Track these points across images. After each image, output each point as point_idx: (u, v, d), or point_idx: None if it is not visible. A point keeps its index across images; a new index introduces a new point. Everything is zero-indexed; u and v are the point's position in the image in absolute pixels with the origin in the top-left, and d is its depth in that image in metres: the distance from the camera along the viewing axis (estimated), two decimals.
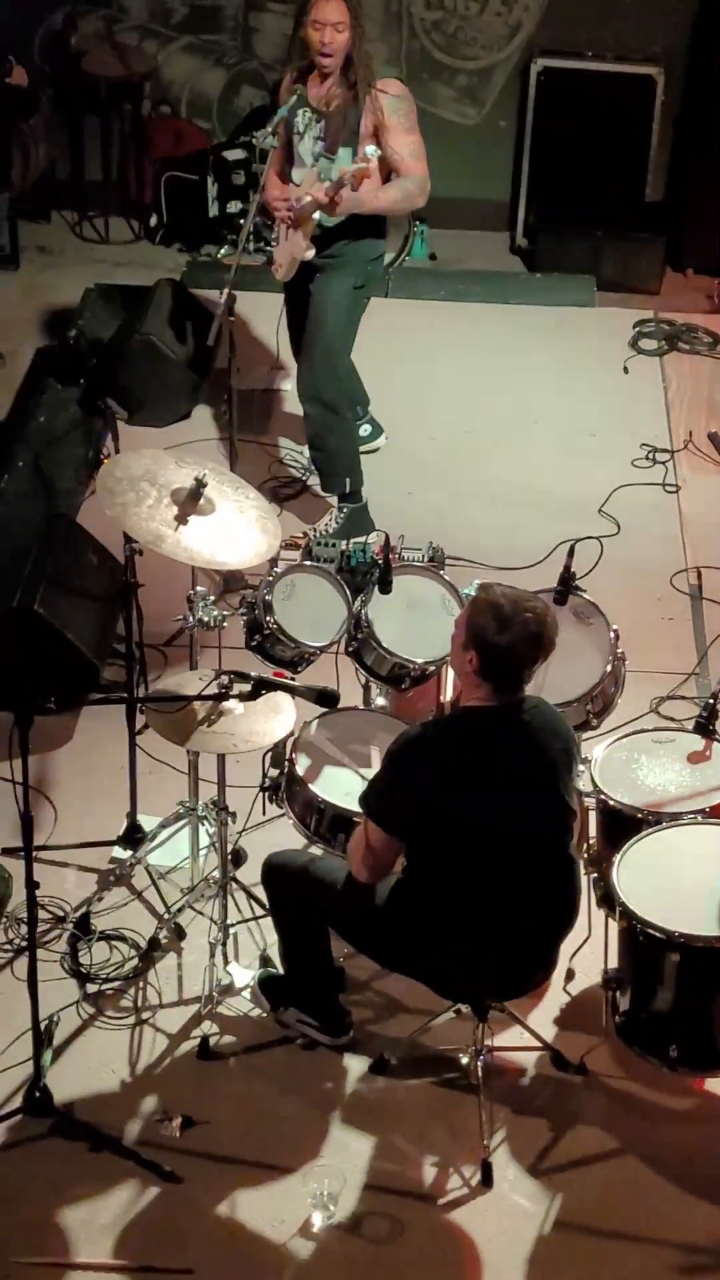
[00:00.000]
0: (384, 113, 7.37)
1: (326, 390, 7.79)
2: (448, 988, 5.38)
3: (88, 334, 9.16)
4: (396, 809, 5.06)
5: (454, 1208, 5.28)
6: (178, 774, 6.40)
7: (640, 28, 10.29)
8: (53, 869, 6.25)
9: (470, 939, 5.15)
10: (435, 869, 5.11)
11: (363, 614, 6.03)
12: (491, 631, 4.93)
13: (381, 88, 7.39)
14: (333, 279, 7.63)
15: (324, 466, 7.97)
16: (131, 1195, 5.26)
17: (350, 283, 7.65)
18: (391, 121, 7.39)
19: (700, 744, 5.84)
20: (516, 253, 10.67)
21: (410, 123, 7.44)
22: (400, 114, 7.41)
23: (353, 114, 7.37)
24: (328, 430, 7.86)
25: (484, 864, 5.06)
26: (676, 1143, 5.46)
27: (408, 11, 10.33)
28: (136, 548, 5.95)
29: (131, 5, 10.48)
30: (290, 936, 5.60)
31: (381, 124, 7.38)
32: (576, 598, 6.07)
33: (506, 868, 5.08)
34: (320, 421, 7.85)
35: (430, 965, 5.27)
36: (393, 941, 5.28)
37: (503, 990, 5.40)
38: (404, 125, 7.41)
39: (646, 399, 9.22)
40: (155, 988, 5.91)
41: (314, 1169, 5.28)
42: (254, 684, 5.24)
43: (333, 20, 7.27)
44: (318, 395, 7.81)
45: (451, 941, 5.15)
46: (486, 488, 8.48)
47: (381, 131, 7.38)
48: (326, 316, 7.68)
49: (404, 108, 7.43)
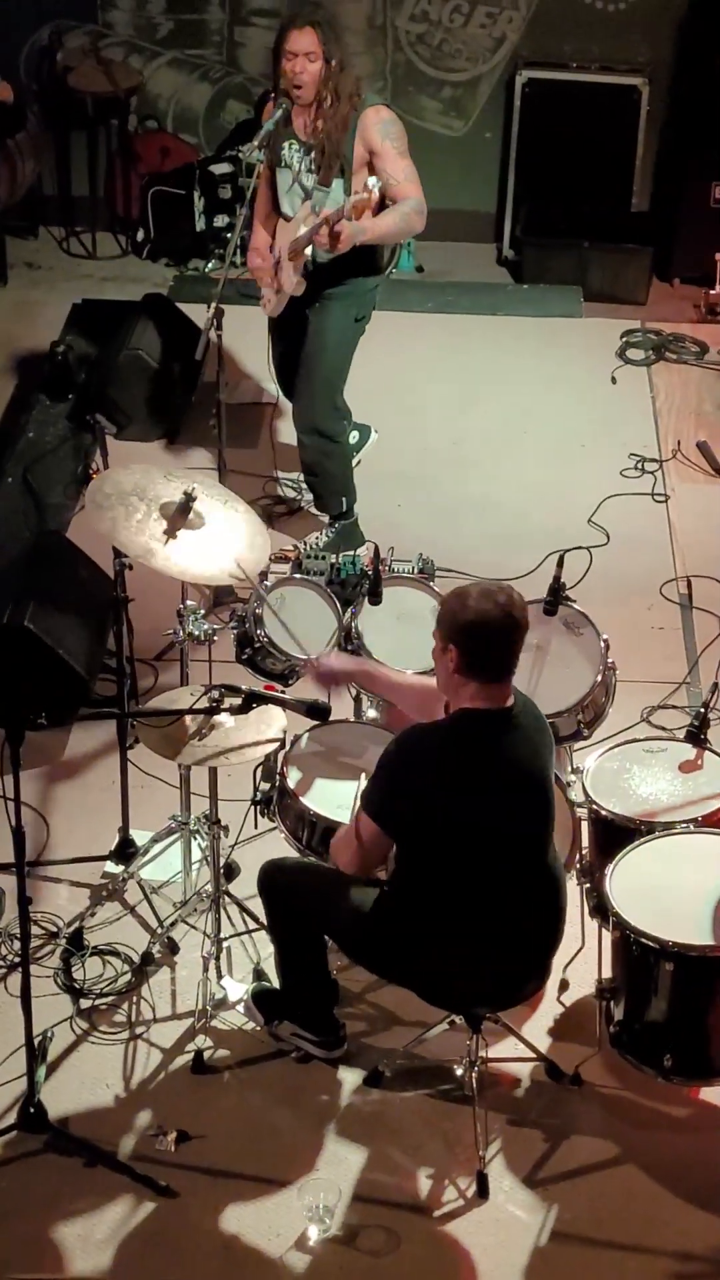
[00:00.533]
0: (377, 138, 7.29)
1: (325, 422, 7.78)
2: (443, 996, 5.37)
3: (76, 349, 9.16)
4: (396, 808, 5.07)
5: (450, 1219, 5.28)
6: (169, 788, 6.40)
7: (624, 38, 10.30)
8: (45, 884, 6.25)
9: (467, 942, 5.14)
10: (432, 872, 5.11)
11: (353, 626, 6.03)
12: (459, 610, 4.97)
13: (371, 113, 7.31)
14: (334, 311, 7.59)
15: (320, 489, 7.96)
16: (127, 1210, 5.26)
17: (351, 315, 7.62)
18: (384, 147, 7.31)
19: (692, 753, 5.85)
20: (503, 264, 10.68)
21: (402, 146, 7.36)
22: (392, 138, 7.32)
23: (344, 144, 7.29)
24: (325, 458, 7.86)
25: (482, 865, 5.07)
26: (672, 1152, 5.46)
27: (392, 25, 10.35)
28: (126, 562, 5.95)
29: (117, 21, 10.49)
30: (286, 946, 5.59)
31: (374, 150, 7.31)
32: (566, 608, 6.08)
33: (504, 868, 5.09)
34: (318, 450, 7.84)
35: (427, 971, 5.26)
36: (389, 949, 5.27)
37: (497, 1000, 5.39)
38: (397, 149, 7.33)
39: (634, 409, 9.23)
40: (149, 1002, 5.91)
41: (309, 1182, 5.28)
42: (245, 698, 5.24)
43: (303, 49, 7.17)
44: (315, 427, 7.79)
45: (448, 945, 5.15)
46: (476, 499, 8.48)
47: (375, 158, 7.32)
48: (327, 349, 7.65)
49: (395, 131, 7.34)
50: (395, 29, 10.36)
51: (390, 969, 5.40)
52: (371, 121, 7.30)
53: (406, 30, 10.38)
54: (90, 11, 10.44)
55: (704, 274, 10.09)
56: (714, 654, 7.31)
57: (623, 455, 8.78)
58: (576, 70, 10.30)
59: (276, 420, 8.83)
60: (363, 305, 7.63)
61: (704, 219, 10.21)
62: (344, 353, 7.70)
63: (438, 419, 9.06)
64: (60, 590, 6.92)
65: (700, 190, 10.19)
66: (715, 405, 9.26)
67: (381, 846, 5.14)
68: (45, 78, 10.42)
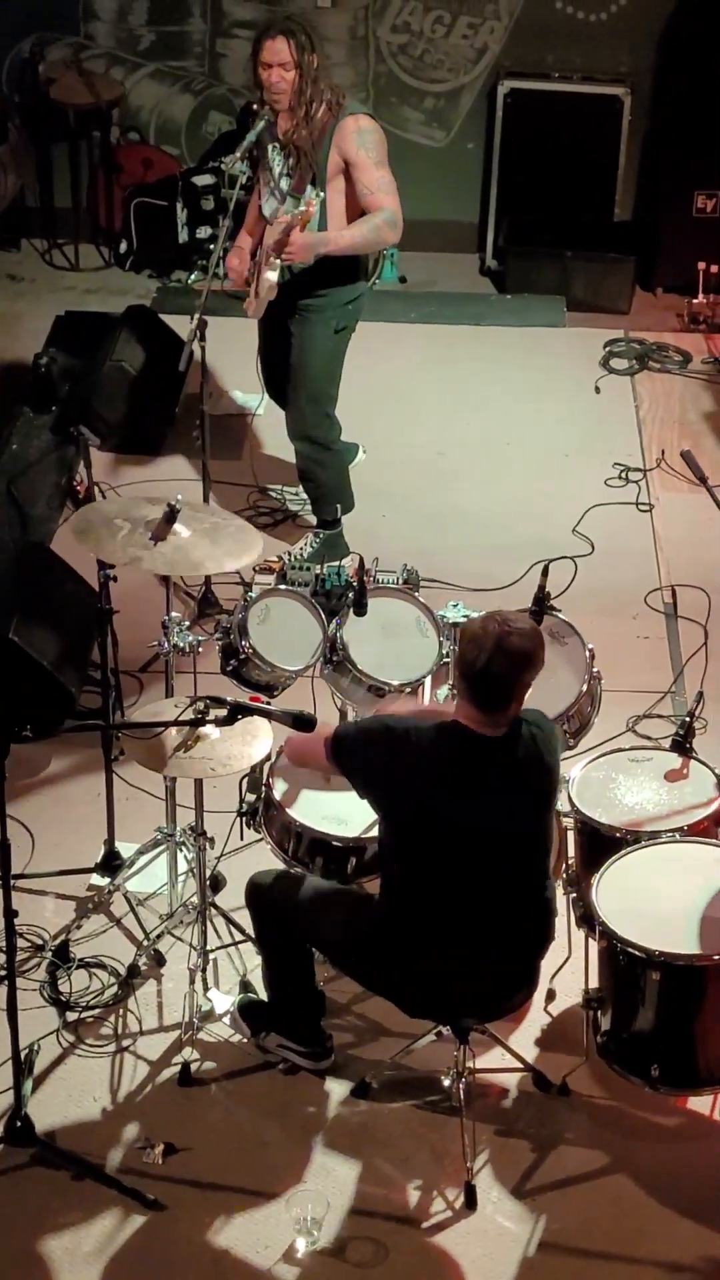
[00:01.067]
0: (352, 148, 7.25)
1: (316, 430, 7.79)
2: (430, 1006, 5.36)
3: (59, 361, 9.16)
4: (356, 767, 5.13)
5: (438, 1231, 5.27)
6: (155, 800, 6.40)
7: (606, 48, 10.33)
8: (31, 897, 6.24)
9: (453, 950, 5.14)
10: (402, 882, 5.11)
11: (338, 637, 6.03)
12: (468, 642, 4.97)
13: (350, 122, 7.27)
14: (313, 324, 7.57)
15: (315, 495, 7.97)
16: (114, 1223, 5.24)
17: (331, 327, 7.59)
18: (359, 156, 7.26)
19: (677, 762, 5.85)
20: (486, 274, 10.70)
21: (379, 156, 7.31)
22: (368, 147, 7.27)
23: (319, 152, 7.26)
24: (319, 466, 7.87)
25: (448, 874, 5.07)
26: (660, 1161, 5.46)
27: (374, 35, 10.36)
28: (111, 574, 5.95)
29: (98, 33, 10.50)
30: (274, 957, 5.59)
31: (349, 159, 7.27)
32: (551, 618, 6.07)
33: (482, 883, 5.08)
34: (311, 458, 7.85)
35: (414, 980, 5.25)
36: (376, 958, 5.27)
37: (485, 1010, 5.39)
38: (373, 159, 7.28)
39: (618, 418, 9.24)
40: (135, 1015, 5.89)
41: (297, 1194, 5.27)
42: (230, 709, 5.23)
43: (277, 60, 7.15)
44: (307, 435, 7.81)
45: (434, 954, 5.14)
46: (460, 509, 8.49)
47: (350, 167, 7.28)
48: (310, 361, 7.65)
49: (372, 141, 7.29)
50: (377, 40, 10.38)
51: (377, 979, 5.40)
52: (349, 130, 7.26)
53: (388, 41, 10.40)
54: (72, 24, 10.45)
55: (687, 283, 10.12)
56: (699, 663, 7.31)
57: (607, 465, 8.79)
58: (558, 80, 10.33)
59: (260, 431, 8.83)
60: (342, 316, 7.61)
61: (686, 228, 10.25)
62: (329, 363, 7.70)
63: (422, 429, 9.07)
64: (45, 602, 6.91)
65: (682, 199, 10.23)
66: (699, 414, 9.28)
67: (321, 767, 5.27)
68: (27, 90, 10.42)
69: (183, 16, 10.43)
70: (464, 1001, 5.31)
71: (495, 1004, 5.38)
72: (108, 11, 10.44)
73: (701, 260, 9.95)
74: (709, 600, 7.72)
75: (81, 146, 10.55)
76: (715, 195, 10.19)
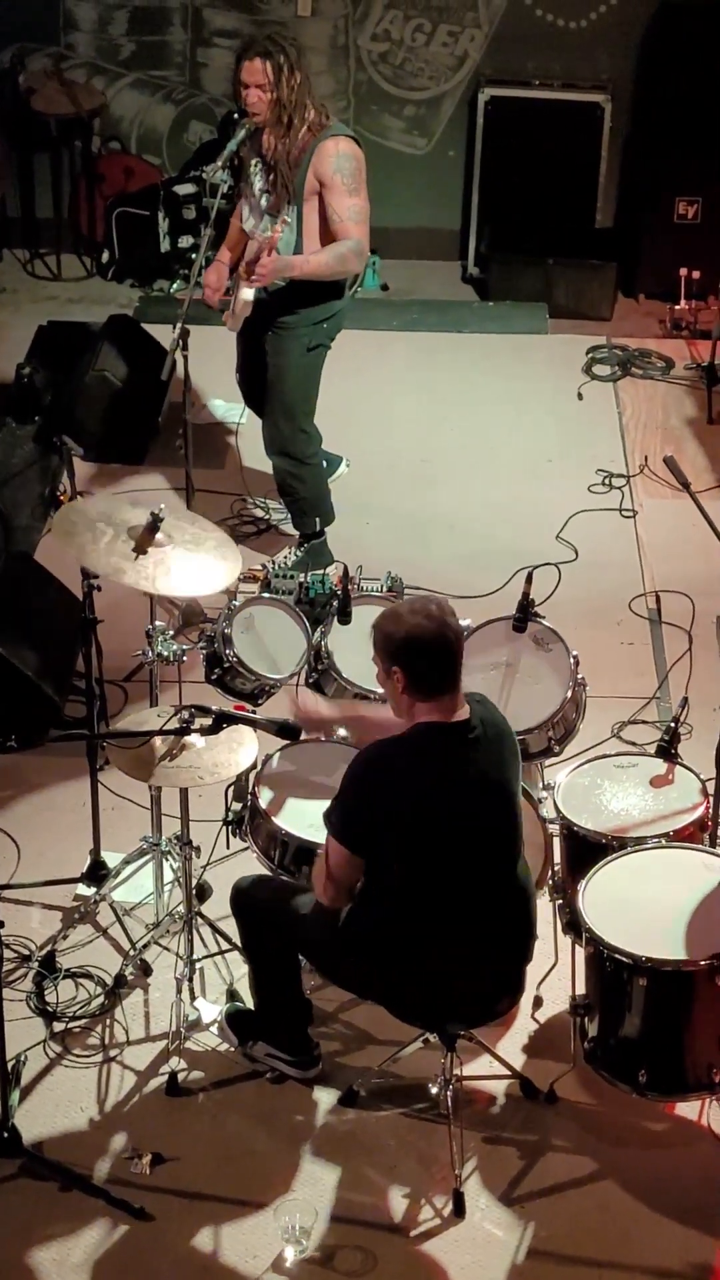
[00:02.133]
0: (328, 171, 7.23)
1: (292, 445, 7.79)
2: (418, 1012, 5.36)
3: (42, 371, 9.15)
4: (360, 825, 5.06)
5: (427, 1238, 5.27)
6: (140, 809, 6.39)
7: (586, 55, 10.35)
8: (17, 907, 6.22)
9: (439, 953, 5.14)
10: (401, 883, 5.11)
11: (323, 645, 6.03)
12: (394, 631, 4.98)
13: (329, 144, 7.24)
14: (287, 342, 7.57)
15: (294, 509, 7.97)
16: (102, 1234, 5.24)
17: (303, 345, 7.58)
18: (334, 181, 7.24)
19: (663, 768, 5.86)
20: (468, 281, 10.70)
21: (355, 184, 7.28)
22: (344, 174, 7.25)
23: (299, 172, 7.25)
24: (297, 480, 7.87)
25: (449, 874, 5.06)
26: (647, 1167, 5.46)
27: (354, 44, 10.37)
28: (95, 583, 5.95)
29: (79, 42, 10.50)
30: (260, 964, 5.59)
31: (324, 182, 7.25)
32: (536, 624, 6.08)
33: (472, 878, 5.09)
34: (288, 473, 7.86)
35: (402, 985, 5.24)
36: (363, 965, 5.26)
37: (472, 1016, 5.39)
38: (347, 186, 7.26)
39: (601, 425, 9.25)
40: (122, 1025, 5.89)
41: (285, 1203, 5.26)
42: (215, 718, 5.23)
43: (254, 81, 7.15)
44: (283, 450, 7.81)
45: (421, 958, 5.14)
46: (444, 516, 8.49)
47: (324, 190, 7.27)
48: (284, 379, 7.66)
49: (349, 167, 7.26)
50: (357, 48, 10.39)
51: (365, 986, 5.39)
52: (328, 153, 7.24)
53: (369, 49, 10.41)
54: (52, 33, 10.46)
55: (669, 289, 10.12)
56: (683, 669, 7.31)
57: (590, 471, 8.80)
58: (539, 88, 10.34)
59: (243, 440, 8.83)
60: (315, 334, 7.59)
61: (668, 234, 10.26)
62: (303, 380, 7.69)
63: (405, 437, 9.07)
64: (29, 612, 6.90)
65: (664, 206, 10.25)
66: (681, 420, 9.29)
67: (352, 867, 5.12)
68: (8, 100, 10.42)
69: (163, 26, 10.43)
70: (462, 1002, 5.30)
71: (487, 1006, 5.38)
72: (88, 21, 10.44)
73: (683, 266, 9.95)
74: (693, 605, 7.73)
75: (63, 156, 10.55)
76: (696, 201, 10.21)
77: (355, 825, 5.07)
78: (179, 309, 7.37)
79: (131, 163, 10.66)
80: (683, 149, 10.10)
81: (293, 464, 7.81)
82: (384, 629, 5.03)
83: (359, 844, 5.07)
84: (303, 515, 7.92)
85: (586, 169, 10.41)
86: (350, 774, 5.10)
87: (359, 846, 5.07)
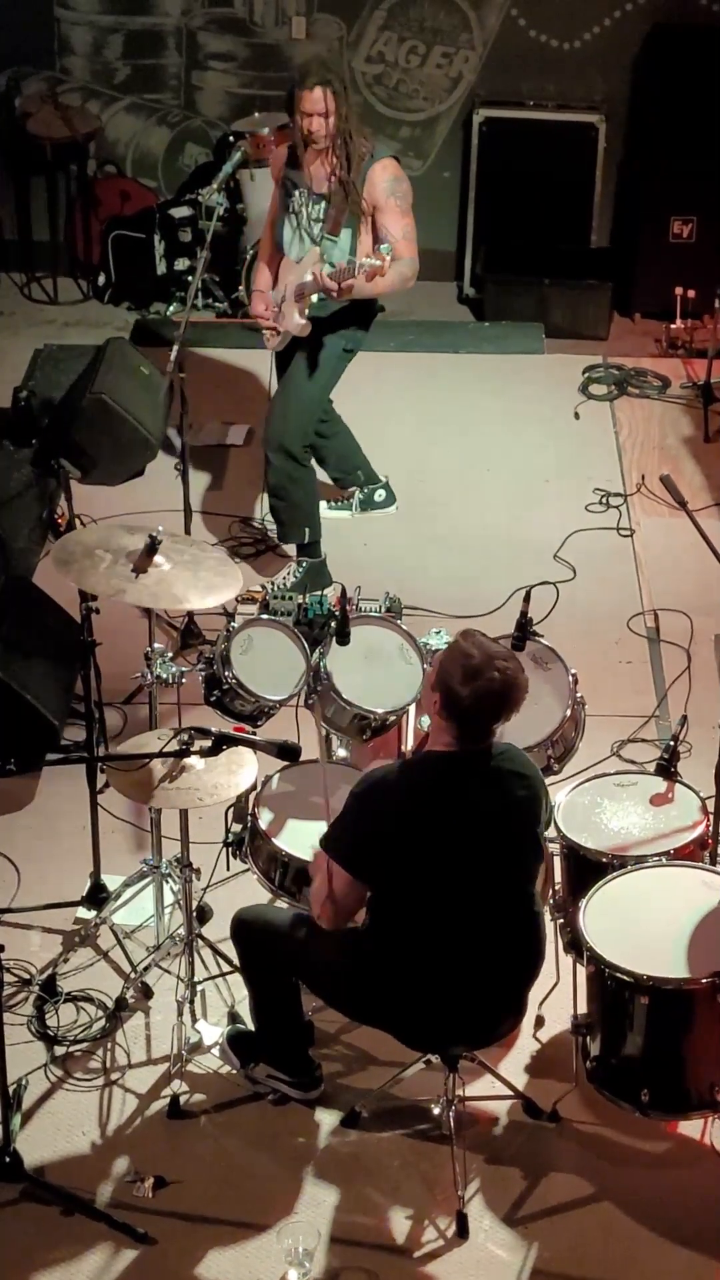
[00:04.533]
0: (382, 194, 7.46)
1: (294, 442, 7.81)
2: (419, 1037, 5.36)
3: (39, 394, 9.15)
4: (359, 849, 5.06)
5: (430, 1260, 5.25)
6: (140, 832, 6.39)
7: (580, 76, 10.37)
8: (17, 931, 6.22)
9: (438, 984, 5.13)
10: (400, 912, 5.11)
11: (322, 666, 6.03)
12: (456, 681, 4.96)
13: (379, 168, 7.47)
14: (325, 338, 7.69)
15: (284, 516, 7.98)
16: (105, 1258, 5.22)
17: (342, 345, 7.74)
18: (389, 204, 7.48)
19: (662, 786, 5.85)
20: (464, 302, 10.72)
21: (406, 205, 7.54)
22: (398, 196, 7.51)
23: (353, 196, 7.44)
24: (291, 481, 7.88)
25: (447, 906, 5.06)
26: (651, 1187, 5.45)
27: (349, 66, 10.39)
28: (93, 606, 5.95)
29: (74, 66, 10.52)
30: (260, 991, 5.58)
31: (378, 205, 7.47)
32: (534, 643, 6.07)
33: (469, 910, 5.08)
34: (284, 472, 7.87)
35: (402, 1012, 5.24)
36: (364, 991, 5.26)
37: (472, 1038, 5.38)
38: (400, 208, 7.52)
39: (598, 444, 9.26)
40: (124, 1048, 5.88)
41: (288, 1225, 5.25)
42: (214, 740, 5.23)
43: (316, 110, 7.34)
44: (284, 446, 7.82)
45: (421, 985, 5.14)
46: (442, 537, 8.50)
47: (377, 212, 7.49)
48: (311, 374, 7.74)
49: (401, 190, 7.53)
50: (352, 70, 10.41)
51: (366, 1012, 5.39)
52: (379, 176, 7.47)
53: (363, 72, 10.43)
54: (48, 58, 10.49)
55: (664, 308, 10.14)
56: (682, 687, 7.32)
57: (587, 490, 8.80)
58: (533, 108, 10.37)
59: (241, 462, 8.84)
60: (353, 339, 7.79)
61: (663, 253, 10.28)
62: (330, 379, 7.82)
63: (402, 458, 9.07)
64: (27, 635, 6.90)
65: (659, 225, 10.27)
66: (678, 439, 9.30)
67: (353, 891, 5.11)
68: (3, 124, 10.44)
69: (158, 50, 10.46)
70: (462, 1028, 5.29)
71: (488, 1030, 5.37)
72: (83, 45, 10.47)
73: (678, 285, 9.96)
74: (691, 624, 7.73)
75: (59, 180, 10.56)
76: (691, 220, 10.23)
77: (353, 849, 5.08)
78: (176, 331, 7.38)
79: (127, 186, 10.68)
80: (677, 168, 10.12)
81: (290, 463, 7.82)
82: (450, 669, 4.97)
83: (357, 868, 5.07)
84: (292, 525, 7.93)
85: (581, 189, 10.43)
86: (352, 794, 5.11)
87: (357, 870, 5.07)
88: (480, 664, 4.95)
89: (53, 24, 10.42)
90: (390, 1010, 5.26)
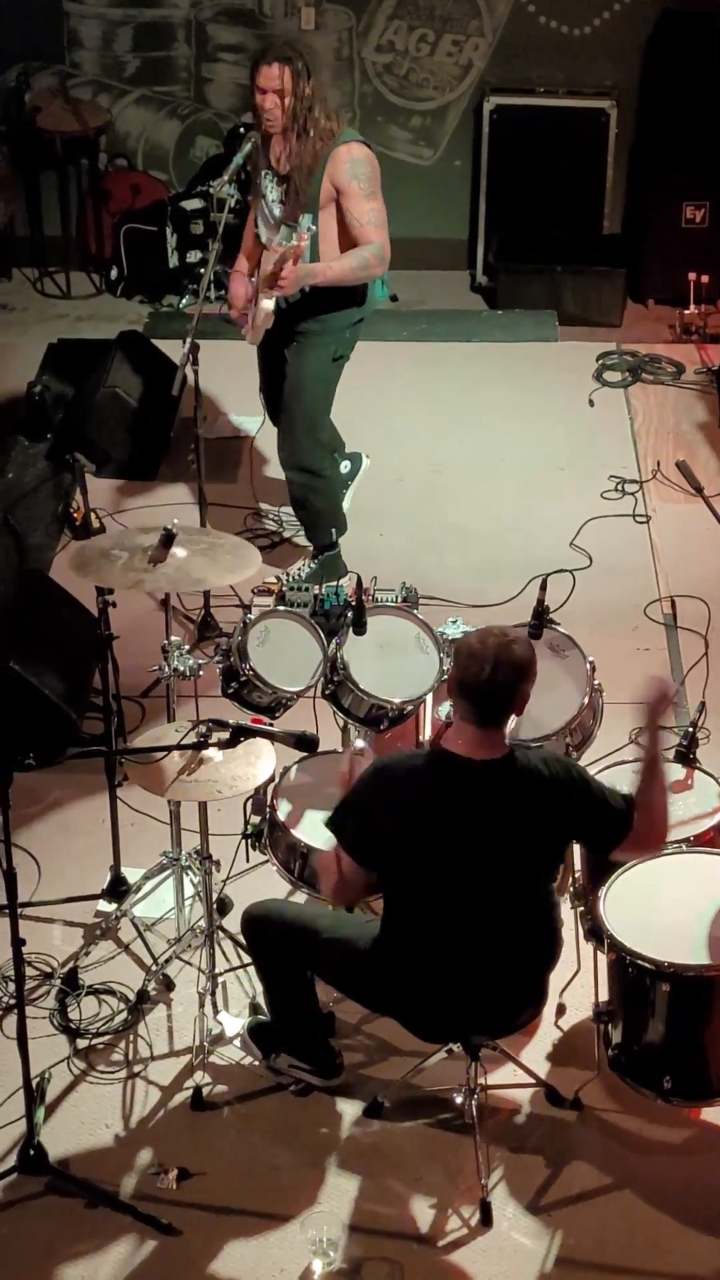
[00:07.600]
0: (345, 177, 7.22)
1: (309, 458, 7.77)
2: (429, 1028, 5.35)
3: (53, 389, 9.16)
4: (360, 838, 5.07)
5: (455, 1249, 5.26)
6: (160, 825, 6.39)
7: (591, 62, 10.35)
8: (38, 925, 6.23)
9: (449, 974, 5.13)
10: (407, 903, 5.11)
11: (338, 656, 6.02)
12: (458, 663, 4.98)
13: (343, 150, 7.23)
14: (310, 351, 7.55)
15: (310, 523, 7.96)
16: (130, 1250, 5.23)
17: (329, 354, 7.58)
18: (351, 187, 7.23)
19: (681, 773, 5.85)
20: (477, 291, 10.71)
21: (371, 188, 7.28)
22: (361, 179, 7.23)
23: (314, 180, 7.23)
24: (313, 493, 7.84)
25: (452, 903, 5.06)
26: (673, 1174, 5.44)
27: (359, 56, 10.38)
28: (110, 599, 5.95)
29: (84, 60, 10.52)
30: (274, 985, 5.58)
31: (341, 188, 7.24)
32: (551, 631, 6.07)
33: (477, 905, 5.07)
34: (305, 486, 7.82)
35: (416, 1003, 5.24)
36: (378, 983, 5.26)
37: (488, 1028, 5.37)
38: (364, 191, 7.25)
39: (613, 431, 9.25)
40: (146, 1040, 5.89)
41: (312, 1216, 5.25)
42: (232, 731, 5.23)
43: (271, 86, 7.13)
44: (300, 464, 7.78)
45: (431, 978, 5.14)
46: (457, 526, 8.49)
47: (341, 197, 7.25)
48: (305, 390, 7.63)
49: (365, 172, 7.25)
50: (362, 60, 10.40)
51: (380, 1001, 5.39)
52: (342, 159, 7.22)
53: (373, 61, 10.42)
54: (57, 52, 10.47)
55: (677, 294, 10.13)
56: (700, 673, 7.31)
57: (603, 477, 8.79)
58: (544, 95, 10.34)
59: (255, 453, 8.84)
60: (340, 343, 7.60)
61: (676, 239, 10.26)
62: (322, 391, 7.68)
63: (416, 448, 9.07)
64: (44, 630, 6.91)
65: (671, 211, 10.25)
66: (693, 425, 9.28)
67: (357, 874, 5.12)
68: (14, 119, 10.43)
69: (167, 42, 10.45)
70: (473, 1021, 5.29)
71: (505, 1021, 5.37)
72: (93, 39, 10.46)
73: (692, 271, 9.95)
74: (709, 610, 7.72)
75: (70, 174, 10.56)
76: (704, 206, 10.21)
77: (350, 832, 5.09)
78: (189, 324, 7.37)
79: (138, 179, 10.67)
80: (689, 153, 10.10)
81: (310, 478, 7.79)
82: (456, 655, 5.03)
83: (354, 851, 5.08)
84: (317, 530, 7.91)
85: (593, 175, 10.41)
86: (361, 778, 5.11)
87: (355, 854, 5.08)
88: (477, 646, 4.96)
89: (62, 18, 10.41)
90: (403, 1000, 5.26)
